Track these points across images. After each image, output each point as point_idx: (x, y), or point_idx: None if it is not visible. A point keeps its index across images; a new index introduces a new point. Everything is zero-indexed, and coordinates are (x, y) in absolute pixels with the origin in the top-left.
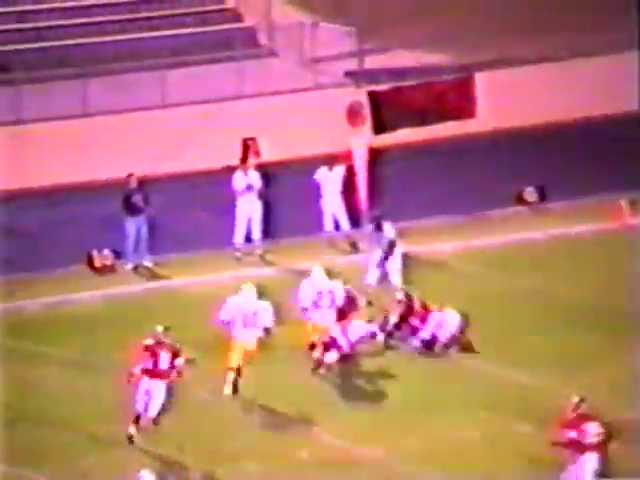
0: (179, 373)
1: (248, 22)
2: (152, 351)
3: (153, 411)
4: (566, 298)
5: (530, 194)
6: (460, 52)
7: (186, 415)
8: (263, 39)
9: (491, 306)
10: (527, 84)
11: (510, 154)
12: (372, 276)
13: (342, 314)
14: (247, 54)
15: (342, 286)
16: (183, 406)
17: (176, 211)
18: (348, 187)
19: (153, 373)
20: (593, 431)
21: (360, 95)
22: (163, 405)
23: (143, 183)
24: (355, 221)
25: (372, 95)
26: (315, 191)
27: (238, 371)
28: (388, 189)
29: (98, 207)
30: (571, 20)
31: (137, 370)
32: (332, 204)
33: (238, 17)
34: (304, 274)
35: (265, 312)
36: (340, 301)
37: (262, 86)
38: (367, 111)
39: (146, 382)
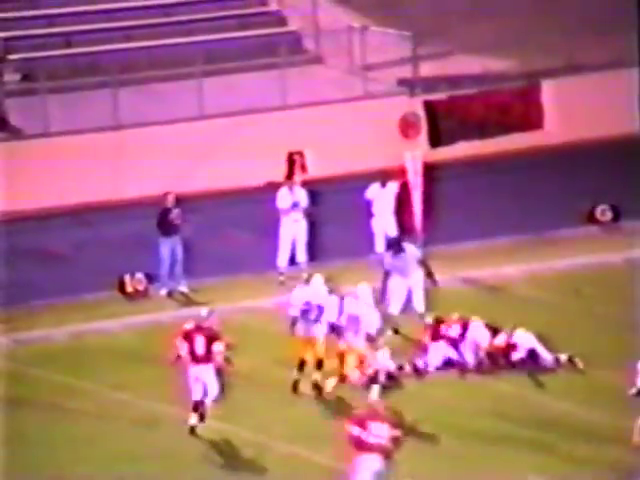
0: (226, 359)
1: (292, 26)
2: (189, 336)
3: (212, 395)
4: None
5: (603, 213)
6: (525, 57)
7: None
8: (308, 44)
9: (559, 336)
10: (600, 92)
11: (581, 169)
12: (396, 304)
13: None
14: (291, 61)
15: (335, 302)
16: None
17: (214, 231)
18: (401, 205)
19: (194, 358)
20: (378, 432)
21: (415, 105)
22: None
23: (179, 201)
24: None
25: (428, 105)
26: (366, 210)
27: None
28: (445, 207)
29: (130, 227)
30: None
31: (180, 354)
32: (384, 224)
33: (281, 21)
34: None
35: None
36: (331, 318)
37: (307, 95)
38: (422, 122)
39: (194, 369)
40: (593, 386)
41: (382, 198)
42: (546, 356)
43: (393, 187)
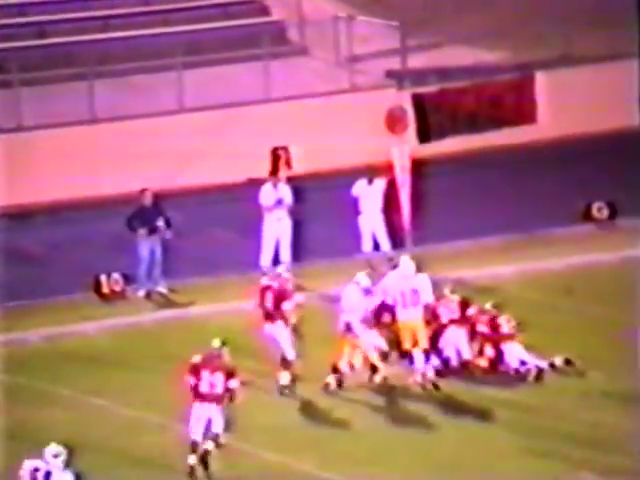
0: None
1: (276, 16)
2: (262, 292)
3: (289, 355)
4: None
5: (599, 210)
6: (518, 48)
7: None
8: (293, 35)
9: (553, 338)
10: (596, 84)
11: (576, 164)
12: None
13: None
14: (275, 52)
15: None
16: None
17: (194, 230)
18: (389, 203)
19: (264, 316)
20: (212, 380)
21: (403, 98)
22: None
23: (158, 199)
24: (397, 241)
25: (417, 98)
26: (352, 207)
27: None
28: (435, 205)
29: (107, 226)
30: None
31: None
32: (371, 222)
33: (265, 10)
34: (339, 301)
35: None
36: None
37: (292, 88)
38: (409, 117)
39: (266, 327)
40: (587, 389)
41: (369, 195)
42: (536, 363)
43: (381, 184)
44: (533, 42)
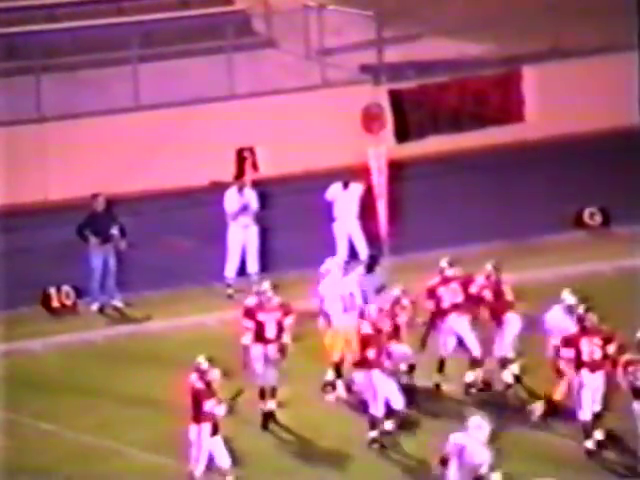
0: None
1: (240, 5)
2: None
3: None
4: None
5: (592, 216)
6: (505, 40)
7: None
8: (259, 25)
9: (543, 355)
10: (588, 79)
11: (567, 167)
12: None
13: None
14: (239, 44)
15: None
16: None
17: (152, 238)
18: (364, 208)
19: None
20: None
21: (379, 94)
22: None
23: (111, 204)
24: (374, 250)
25: (394, 94)
26: (325, 213)
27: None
28: (414, 211)
29: (56, 234)
30: None
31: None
32: (347, 229)
33: None
34: (311, 315)
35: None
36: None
37: (258, 84)
38: (387, 114)
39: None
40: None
41: (345, 200)
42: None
43: (358, 188)
44: (520, 33)
